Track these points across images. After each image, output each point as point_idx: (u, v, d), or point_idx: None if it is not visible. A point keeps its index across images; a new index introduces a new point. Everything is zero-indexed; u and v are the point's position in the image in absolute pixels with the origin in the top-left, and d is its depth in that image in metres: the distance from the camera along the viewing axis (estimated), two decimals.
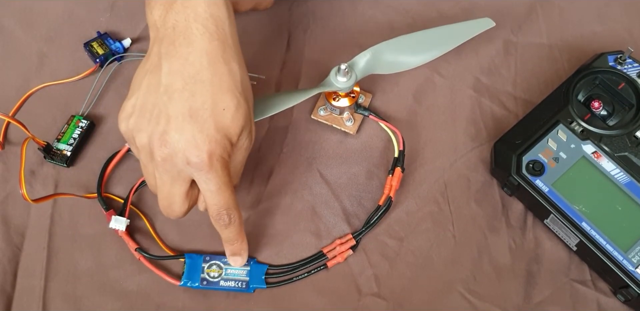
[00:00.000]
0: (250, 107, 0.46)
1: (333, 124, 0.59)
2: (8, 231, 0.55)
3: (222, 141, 0.44)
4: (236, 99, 0.44)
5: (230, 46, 0.45)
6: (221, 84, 0.44)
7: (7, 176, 0.57)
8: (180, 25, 0.44)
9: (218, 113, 0.44)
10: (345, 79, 0.53)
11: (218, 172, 0.44)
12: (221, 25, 0.45)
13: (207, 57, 0.44)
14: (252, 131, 0.47)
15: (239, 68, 0.45)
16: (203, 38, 0.44)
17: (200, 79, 0.44)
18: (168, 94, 0.44)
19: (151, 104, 0.44)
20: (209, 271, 0.53)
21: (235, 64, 0.45)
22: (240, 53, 0.47)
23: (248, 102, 0.46)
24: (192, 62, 0.44)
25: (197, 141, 0.43)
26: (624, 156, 0.54)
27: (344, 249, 0.54)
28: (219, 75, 0.44)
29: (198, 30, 0.44)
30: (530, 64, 0.63)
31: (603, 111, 0.56)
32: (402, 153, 0.56)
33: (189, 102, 0.43)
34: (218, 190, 0.45)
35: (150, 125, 0.44)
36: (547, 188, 0.53)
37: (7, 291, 0.53)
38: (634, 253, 0.51)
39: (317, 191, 0.57)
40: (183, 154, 0.43)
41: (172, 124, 0.43)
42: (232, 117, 0.44)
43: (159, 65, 0.45)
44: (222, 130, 0.44)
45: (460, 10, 0.65)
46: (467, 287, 0.54)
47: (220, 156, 0.44)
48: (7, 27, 0.63)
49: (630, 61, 0.57)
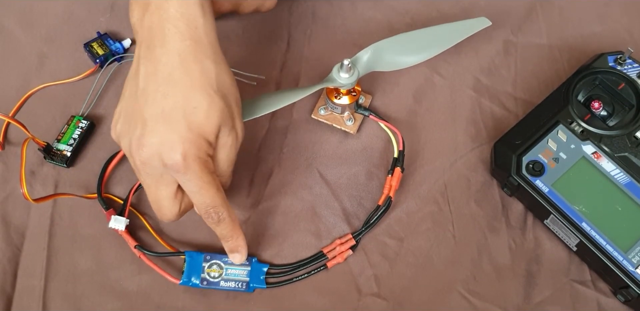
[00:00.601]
0: (230, 103, 0.46)
1: (333, 123, 0.59)
2: (8, 232, 0.55)
3: (196, 140, 0.44)
4: (209, 97, 0.44)
5: (204, 44, 0.45)
6: (192, 83, 0.44)
7: (7, 176, 0.57)
8: (155, 27, 0.44)
9: (190, 112, 0.43)
10: (347, 75, 0.53)
11: (196, 172, 0.44)
12: (193, 24, 0.44)
13: (178, 57, 0.44)
14: (235, 128, 0.46)
15: (214, 66, 0.45)
16: (175, 38, 0.44)
17: (172, 80, 0.44)
18: (144, 98, 0.44)
19: (131, 109, 0.45)
20: (210, 271, 0.53)
21: (210, 61, 0.45)
22: (218, 51, 0.46)
23: (226, 98, 0.45)
24: (165, 63, 0.44)
25: (171, 142, 0.43)
26: (624, 157, 0.54)
27: (343, 249, 0.54)
28: (190, 74, 0.44)
29: (170, 31, 0.44)
30: (530, 64, 0.63)
31: (603, 111, 0.56)
32: (402, 153, 0.56)
33: (161, 104, 0.43)
34: (200, 190, 0.45)
35: (130, 130, 0.45)
36: (547, 188, 0.53)
37: (7, 292, 0.53)
38: (634, 254, 0.51)
39: (317, 191, 0.57)
40: (159, 156, 0.43)
41: (147, 127, 0.43)
42: (205, 115, 0.44)
43: (138, 69, 0.45)
44: (196, 129, 0.43)
45: (460, 10, 0.65)
46: (467, 287, 0.54)
47: (196, 156, 0.44)
48: (7, 27, 0.63)
49: (630, 61, 0.57)
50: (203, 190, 0.45)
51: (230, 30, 0.63)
